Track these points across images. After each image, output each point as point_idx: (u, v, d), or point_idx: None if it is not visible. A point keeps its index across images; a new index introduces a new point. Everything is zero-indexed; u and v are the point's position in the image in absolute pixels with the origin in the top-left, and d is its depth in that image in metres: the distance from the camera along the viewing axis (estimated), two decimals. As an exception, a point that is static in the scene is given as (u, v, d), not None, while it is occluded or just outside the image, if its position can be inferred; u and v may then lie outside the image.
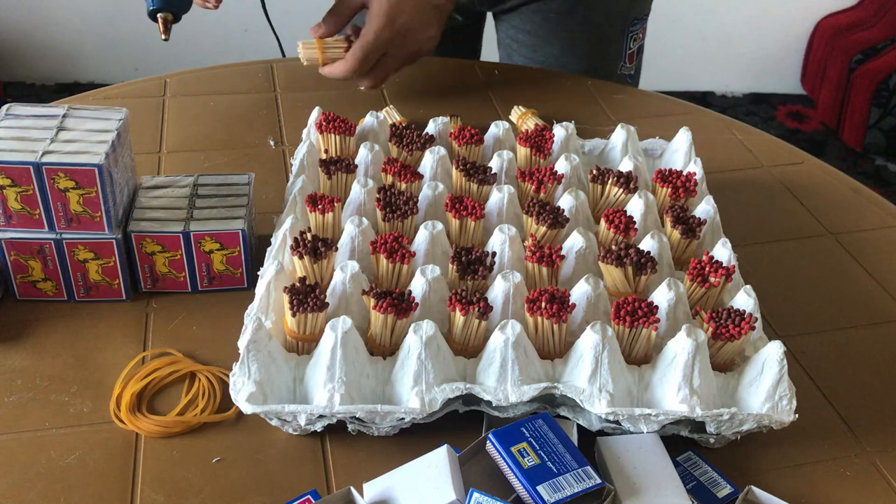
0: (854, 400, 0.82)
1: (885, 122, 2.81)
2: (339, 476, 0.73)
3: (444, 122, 1.05)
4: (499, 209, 0.90)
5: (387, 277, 0.81)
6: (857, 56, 2.85)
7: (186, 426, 0.76)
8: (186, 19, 1.17)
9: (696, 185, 0.94)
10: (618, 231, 0.86)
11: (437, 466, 0.68)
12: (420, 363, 0.72)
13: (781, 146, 1.21)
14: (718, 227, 0.92)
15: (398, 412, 0.72)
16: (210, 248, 0.87)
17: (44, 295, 0.87)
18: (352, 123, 0.99)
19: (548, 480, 0.67)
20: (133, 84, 1.27)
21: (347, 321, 0.73)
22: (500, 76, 1.32)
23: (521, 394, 0.72)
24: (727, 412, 0.71)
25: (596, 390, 0.72)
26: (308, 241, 0.80)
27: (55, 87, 2.92)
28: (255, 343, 0.72)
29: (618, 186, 0.92)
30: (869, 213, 1.08)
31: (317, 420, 0.73)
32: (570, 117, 1.11)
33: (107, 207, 0.83)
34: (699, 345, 0.73)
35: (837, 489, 0.74)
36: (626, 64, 1.40)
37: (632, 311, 0.75)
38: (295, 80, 1.28)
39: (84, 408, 0.77)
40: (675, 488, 0.69)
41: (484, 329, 0.76)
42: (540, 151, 0.98)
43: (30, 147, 0.82)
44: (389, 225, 0.86)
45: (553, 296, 0.75)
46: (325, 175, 0.92)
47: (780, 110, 3.08)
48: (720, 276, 0.81)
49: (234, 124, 1.17)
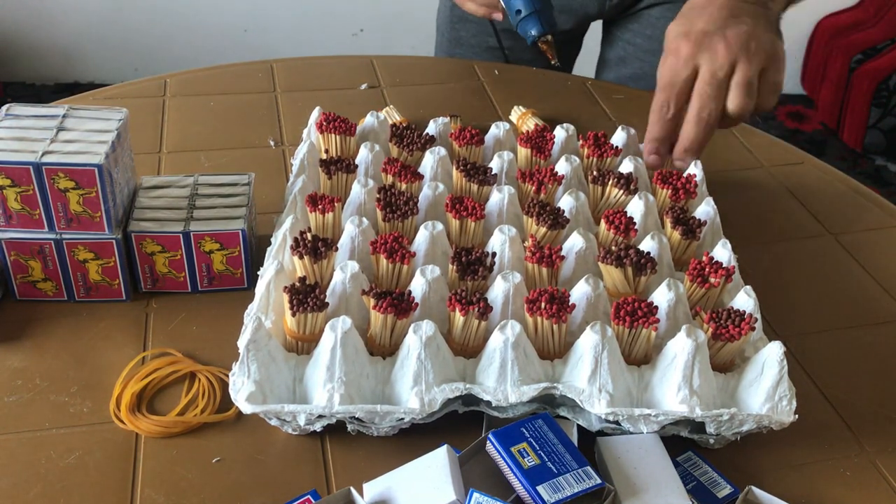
0: (854, 400, 0.82)
1: (885, 122, 2.81)
2: (339, 476, 0.73)
3: (445, 122, 1.05)
4: (499, 210, 0.90)
5: (387, 277, 0.81)
6: (857, 56, 2.85)
7: (186, 426, 0.76)
8: (186, 19, 1.17)
9: (696, 186, 0.94)
10: (618, 232, 0.86)
11: (437, 466, 0.68)
12: (420, 363, 0.72)
13: (781, 146, 1.21)
14: (718, 228, 0.92)
15: (398, 412, 0.72)
16: (210, 248, 0.87)
17: (44, 295, 0.87)
18: (352, 123, 0.99)
19: (548, 480, 0.67)
20: (133, 84, 1.27)
21: (347, 321, 0.73)
22: (500, 76, 1.32)
23: (521, 394, 0.72)
24: (727, 413, 0.72)
25: (595, 390, 0.72)
26: (308, 240, 0.80)
27: (55, 87, 2.92)
28: (254, 343, 0.72)
29: (618, 188, 0.92)
30: (869, 213, 1.08)
31: (316, 420, 0.73)
32: (570, 117, 1.11)
33: (107, 207, 0.83)
34: (699, 345, 0.73)
35: (837, 489, 0.74)
36: None
37: (631, 311, 0.75)
38: (295, 80, 1.28)
39: (84, 408, 0.77)
40: (676, 489, 0.69)
41: (484, 329, 0.76)
42: (540, 152, 0.98)
43: (30, 147, 0.82)
44: (389, 225, 0.86)
45: (553, 296, 0.75)
46: (325, 175, 0.92)
47: (780, 110, 3.08)
48: (720, 276, 0.81)
49: (234, 124, 1.17)
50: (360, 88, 1.26)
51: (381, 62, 1.34)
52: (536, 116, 1.16)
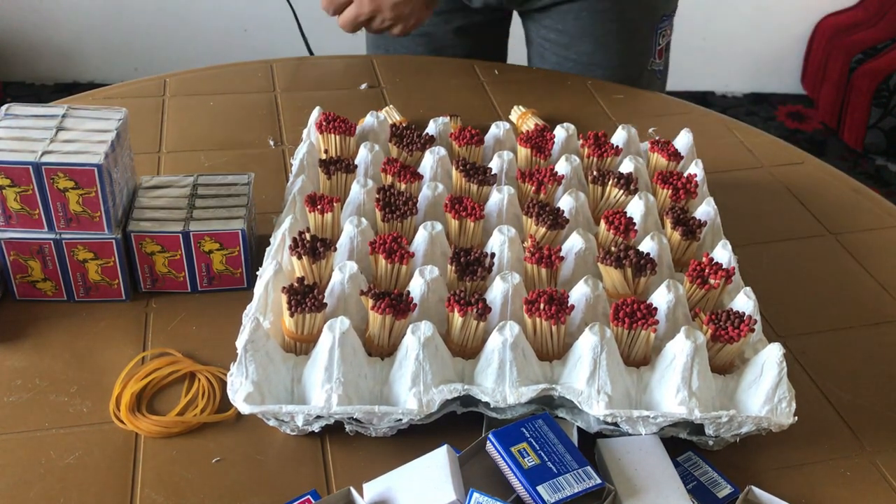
0: (854, 400, 0.82)
1: (885, 122, 2.81)
2: (338, 476, 0.73)
3: (445, 122, 1.05)
4: (498, 210, 0.90)
5: (385, 278, 0.81)
6: (857, 56, 2.85)
7: (186, 426, 0.76)
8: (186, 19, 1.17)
9: (696, 186, 0.94)
10: (617, 232, 0.86)
11: (437, 466, 0.68)
12: (418, 364, 0.72)
13: (781, 146, 1.21)
14: (719, 228, 0.92)
15: (396, 413, 0.72)
16: (210, 248, 0.87)
17: (43, 295, 0.87)
18: (352, 123, 0.99)
19: (548, 481, 0.67)
20: (133, 84, 1.27)
21: (345, 322, 0.73)
22: (500, 76, 1.32)
23: (520, 395, 0.72)
24: (726, 414, 0.71)
25: (594, 392, 0.72)
26: (307, 241, 0.80)
27: (55, 87, 2.92)
28: (252, 343, 0.72)
29: (618, 188, 0.92)
30: (869, 213, 1.08)
31: (314, 421, 0.73)
32: (569, 117, 1.11)
33: (106, 207, 0.83)
34: (698, 347, 0.73)
35: (838, 489, 0.74)
36: (656, 60, 1.41)
37: (631, 312, 0.75)
38: (295, 80, 1.28)
39: (84, 408, 0.77)
40: (676, 490, 0.69)
41: (482, 330, 0.76)
42: (540, 152, 0.98)
43: (29, 147, 0.82)
44: (389, 225, 0.86)
45: (552, 297, 0.75)
46: (324, 175, 0.92)
47: (781, 110, 3.08)
48: (720, 277, 0.81)
49: (234, 124, 1.17)
50: (360, 88, 1.26)
51: (381, 62, 1.34)
52: (536, 116, 1.16)
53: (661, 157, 0.99)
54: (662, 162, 0.98)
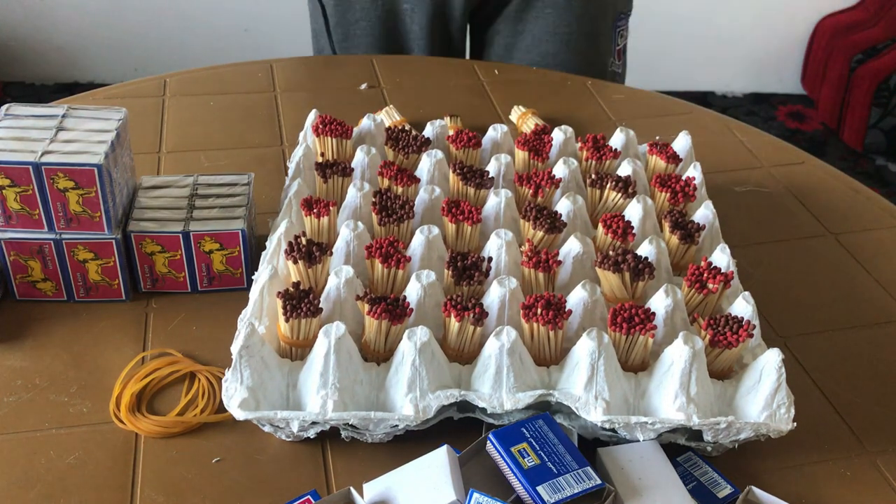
0: (854, 400, 0.82)
1: (885, 122, 2.81)
2: (338, 476, 0.73)
3: (442, 125, 1.04)
4: (496, 213, 0.90)
5: (382, 282, 0.81)
6: (857, 56, 2.84)
7: (186, 426, 0.76)
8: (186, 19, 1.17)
9: (695, 189, 0.93)
10: (616, 236, 0.85)
11: (437, 467, 0.68)
12: (414, 369, 0.72)
13: (781, 146, 1.21)
14: (718, 232, 0.92)
15: (392, 419, 0.71)
16: (210, 249, 0.87)
17: (43, 295, 0.87)
18: (348, 126, 0.99)
19: (548, 481, 0.67)
20: (133, 84, 1.27)
21: (341, 327, 0.73)
22: (500, 76, 1.32)
23: (516, 401, 0.72)
24: (724, 421, 0.71)
25: (592, 398, 0.72)
26: (303, 245, 0.79)
27: (54, 87, 2.92)
28: (247, 349, 0.72)
29: (616, 191, 0.92)
30: (869, 213, 1.08)
31: (310, 427, 0.73)
32: (569, 117, 1.11)
33: (106, 207, 0.83)
34: (696, 352, 0.72)
35: (838, 489, 0.74)
36: (616, 61, 1.41)
37: (629, 317, 0.74)
38: (295, 80, 1.28)
39: (84, 408, 0.77)
40: (678, 492, 0.69)
41: (479, 335, 0.75)
42: (538, 155, 0.97)
43: (29, 147, 0.82)
44: (385, 229, 0.86)
45: (549, 302, 0.75)
46: (320, 178, 0.92)
47: (781, 110, 3.07)
48: (718, 282, 0.80)
49: (234, 124, 1.17)
50: (360, 88, 1.26)
51: (381, 62, 1.34)
52: (536, 116, 1.16)
53: (659, 160, 0.99)
54: (661, 165, 0.98)
